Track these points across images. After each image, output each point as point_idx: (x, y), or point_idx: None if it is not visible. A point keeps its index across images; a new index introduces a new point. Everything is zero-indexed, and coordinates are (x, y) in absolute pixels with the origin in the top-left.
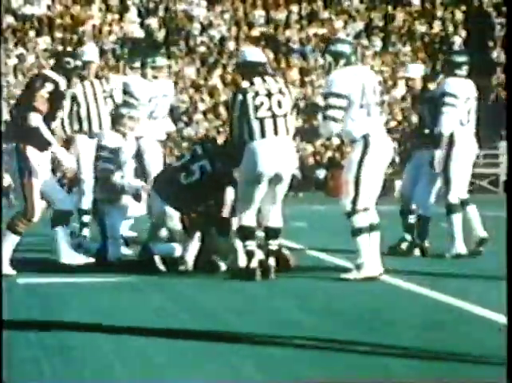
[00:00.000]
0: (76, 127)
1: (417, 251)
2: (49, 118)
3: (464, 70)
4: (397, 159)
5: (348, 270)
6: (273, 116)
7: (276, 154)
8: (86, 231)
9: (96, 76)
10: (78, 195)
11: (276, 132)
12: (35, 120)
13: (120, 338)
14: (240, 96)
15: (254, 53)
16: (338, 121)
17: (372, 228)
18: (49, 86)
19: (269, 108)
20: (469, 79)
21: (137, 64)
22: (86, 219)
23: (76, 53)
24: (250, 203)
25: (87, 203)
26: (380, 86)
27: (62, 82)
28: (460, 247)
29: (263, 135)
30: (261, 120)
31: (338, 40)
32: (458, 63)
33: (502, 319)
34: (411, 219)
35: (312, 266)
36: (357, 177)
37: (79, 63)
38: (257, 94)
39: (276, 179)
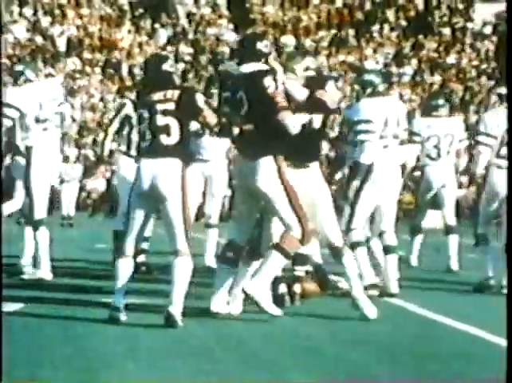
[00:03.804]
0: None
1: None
2: None
3: (440, 111)
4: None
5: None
6: None
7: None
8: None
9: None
10: None
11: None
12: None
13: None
14: None
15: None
16: (373, 143)
17: (390, 250)
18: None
19: None
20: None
21: None
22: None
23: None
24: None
25: None
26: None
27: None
28: None
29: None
30: None
31: (367, 70)
32: (435, 106)
33: None
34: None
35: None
36: (354, 201)
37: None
38: None
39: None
